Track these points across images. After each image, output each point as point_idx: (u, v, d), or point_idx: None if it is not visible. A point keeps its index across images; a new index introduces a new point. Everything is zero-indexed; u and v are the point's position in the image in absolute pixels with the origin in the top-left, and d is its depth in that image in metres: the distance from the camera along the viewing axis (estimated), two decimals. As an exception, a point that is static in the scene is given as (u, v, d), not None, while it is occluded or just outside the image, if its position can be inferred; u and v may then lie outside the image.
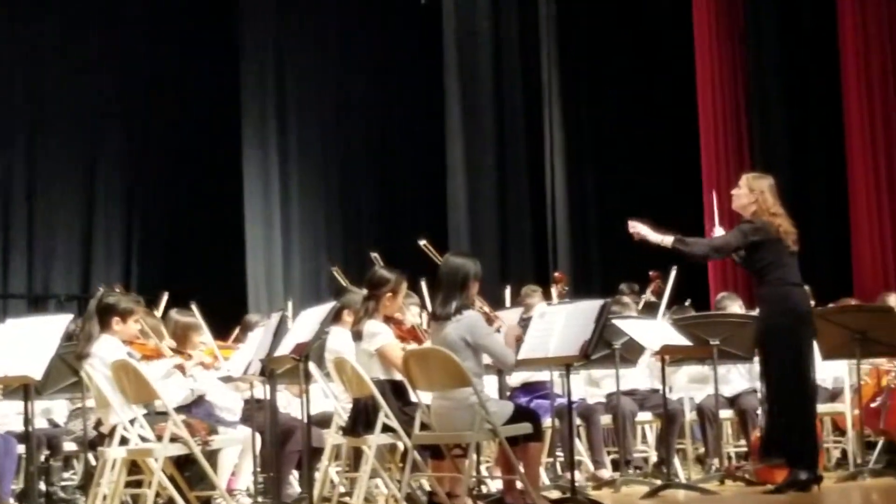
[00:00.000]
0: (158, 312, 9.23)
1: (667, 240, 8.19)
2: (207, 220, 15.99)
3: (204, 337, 9.22)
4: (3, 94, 15.42)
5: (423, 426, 7.50)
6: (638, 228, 8.21)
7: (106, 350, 7.56)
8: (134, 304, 7.83)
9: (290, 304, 10.97)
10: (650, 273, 12.08)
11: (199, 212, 16.02)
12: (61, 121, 15.74)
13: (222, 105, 16.17)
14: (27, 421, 7.23)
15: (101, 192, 15.98)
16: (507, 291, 11.20)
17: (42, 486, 9.27)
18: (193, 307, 9.28)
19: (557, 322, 7.88)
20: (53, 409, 9.64)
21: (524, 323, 8.48)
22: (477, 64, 16.71)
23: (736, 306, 10.21)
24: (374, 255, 9.03)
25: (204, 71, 16.11)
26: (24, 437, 7.94)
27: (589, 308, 7.82)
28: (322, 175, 16.66)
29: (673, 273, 9.92)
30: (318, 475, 8.38)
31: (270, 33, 16.54)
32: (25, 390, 7.15)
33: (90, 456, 8.80)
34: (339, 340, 8.34)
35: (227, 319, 10.86)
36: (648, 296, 11.95)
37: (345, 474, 8.85)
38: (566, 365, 7.92)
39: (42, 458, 9.23)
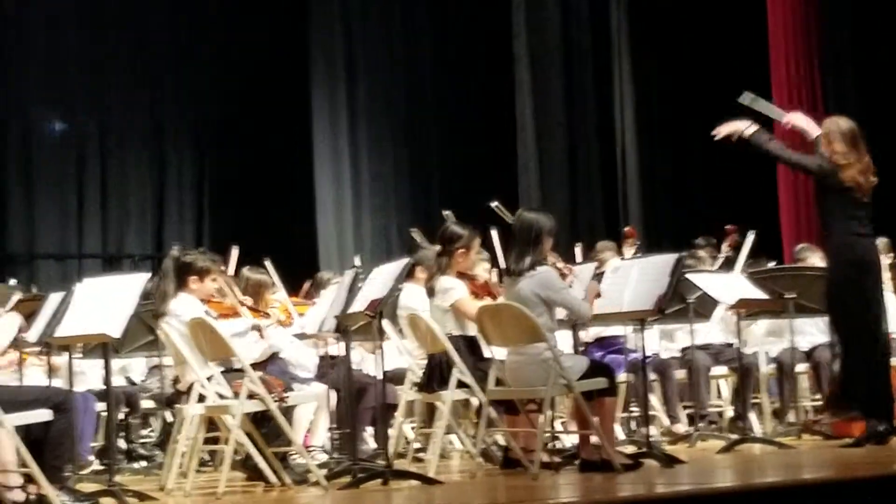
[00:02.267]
0: (230, 269, 9.24)
1: (750, 129, 8.09)
2: (278, 178, 16.01)
3: (278, 294, 9.28)
4: (72, 55, 15.49)
5: (498, 382, 7.51)
6: (720, 129, 8.11)
7: (183, 308, 7.61)
8: (211, 263, 7.87)
9: (357, 259, 10.98)
10: (726, 227, 11.93)
11: (269, 169, 16.04)
12: (131, 82, 15.80)
13: (291, 63, 16.18)
14: (107, 379, 7.32)
15: (171, 151, 16.05)
16: (578, 249, 11.14)
17: (121, 443, 9.40)
18: (268, 264, 9.33)
19: (631, 276, 7.86)
20: (131, 367, 9.74)
21: (597, 278, 8.46)
22: (546, 19, 16.61)
23: (816, 258, 10.01)
24: (447, 212, 8.98)
25: (272, 30, 16.11)
26: (104, 395, 8.07)
27: (663, 262, 7.79)
28: (392, 132, 16.67)
29: (750, 238, 9.85)
30: (392, 431, 8.42)
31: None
32: (104, 348, 7.22)
33: (168, 413, 8.90)
34: (412, 297, 8.36)
35: (298, 276, 10.91)
36: (725, 250, 11.82)
37: (419, 430, 8.89)
38: (640, 319, 7.89)
39: (121, 415, 9.34)
